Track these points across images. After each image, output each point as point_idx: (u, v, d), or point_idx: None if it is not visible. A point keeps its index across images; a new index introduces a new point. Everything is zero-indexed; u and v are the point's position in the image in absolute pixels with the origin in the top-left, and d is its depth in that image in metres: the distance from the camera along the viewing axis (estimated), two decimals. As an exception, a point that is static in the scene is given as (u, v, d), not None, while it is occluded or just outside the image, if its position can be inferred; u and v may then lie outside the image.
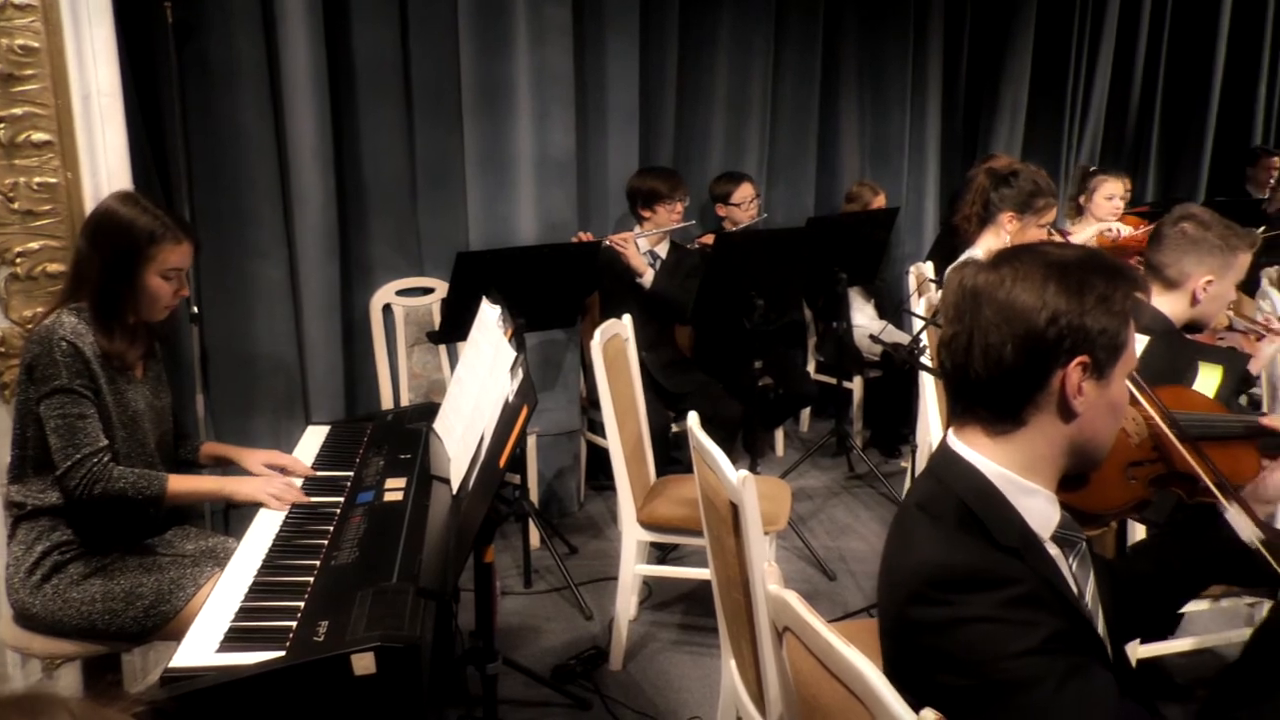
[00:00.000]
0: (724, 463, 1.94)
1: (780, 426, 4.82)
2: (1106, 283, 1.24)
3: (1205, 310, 2.41)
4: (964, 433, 1.32)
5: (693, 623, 3.24)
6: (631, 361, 3.20)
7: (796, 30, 4.88)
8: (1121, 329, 1.25)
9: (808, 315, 5.04)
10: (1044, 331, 1.22)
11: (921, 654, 1.22)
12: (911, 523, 1.31)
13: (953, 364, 1.29)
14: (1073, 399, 1.24)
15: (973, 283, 1.27)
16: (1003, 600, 1.16)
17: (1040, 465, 1.29)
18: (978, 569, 1.19)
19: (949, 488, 1.29)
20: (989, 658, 1.15)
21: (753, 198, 4.43)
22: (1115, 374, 1.27)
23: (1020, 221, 3.22)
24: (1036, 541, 1.29)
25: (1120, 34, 6.22)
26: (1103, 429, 1.30)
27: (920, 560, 1.24)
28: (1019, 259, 1.27)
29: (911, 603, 1.23)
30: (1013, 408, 1.27)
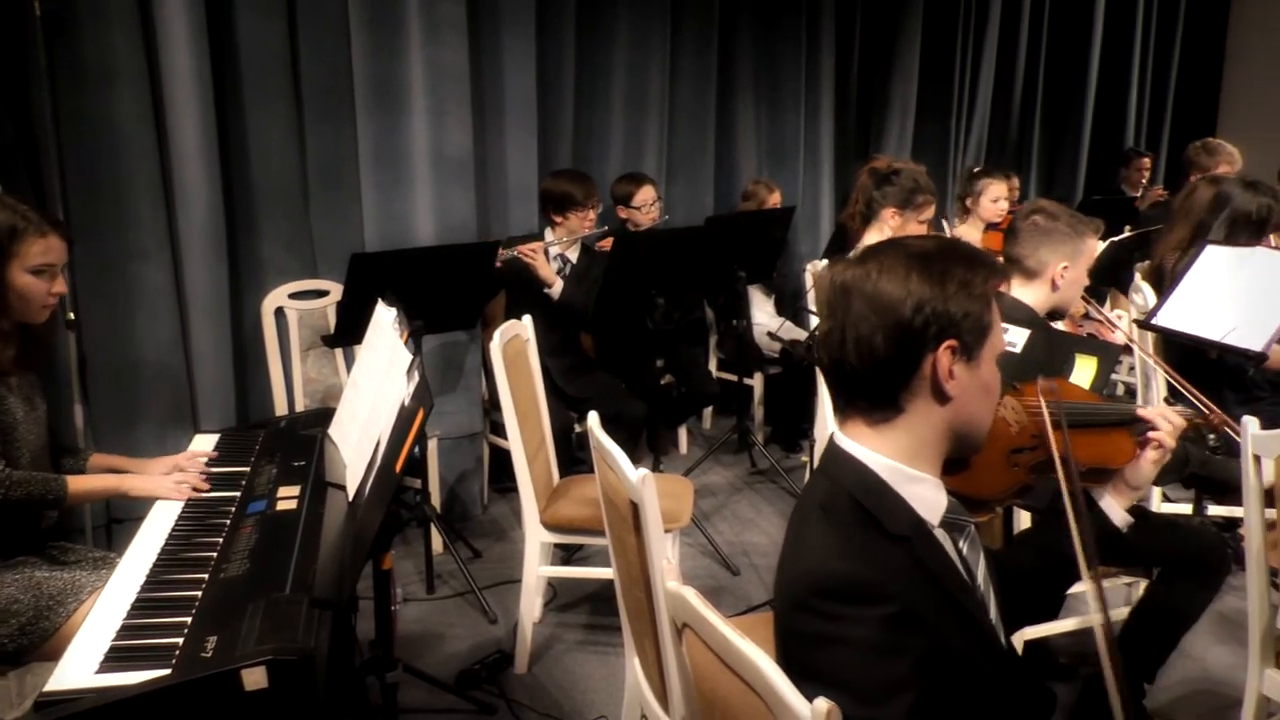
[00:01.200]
0: (624, 462, 1.94)
1: (683, 424, 4.85)
2: (966, 269, 1.29)
3: (1064, 296, 2.53)
4: (848, 427, 1.36)
5: (598, 622, 3.24)
6: (532, 362, 3.18)
7: (692, 31, 4.93)
8: (985, 312, 1.30)
9: (709, 314, 5.10)
10: (911, 320, 1.26)
11: (794, 662, 1.24)
12: (806, 523, 1.33)
13: (830, 359, 1.33)
14: (945, 382, 1.29)
15: (842, 278, 1.31)
16: (879, 618, 1.19)
17: (923, 451, 1.33)
18: (860, 581, 1.21)
19: (839, 484, 1.32)
20: (850, 683, 1.18)
21: (654, 200, 4.44)
22: (984, 356, 1.32)
23: (902, 218, 3.32)
24: (926, 528, 1.33)
25: (1001, 41, 6.47)
26: (978, 411, 1.34)
27: (807, 566, 1.26)
28: (883, 253, 1.31)
29: (794, 610, 1.25)
30: (890, 396, 1.31)
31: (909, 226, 3.37)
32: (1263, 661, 2.13)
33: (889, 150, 5.67)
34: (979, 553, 1.44)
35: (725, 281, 4.32)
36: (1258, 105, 7.74)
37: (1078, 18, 6.94)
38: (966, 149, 6.42)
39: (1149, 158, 6.85)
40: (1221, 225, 3.34)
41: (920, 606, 1.23)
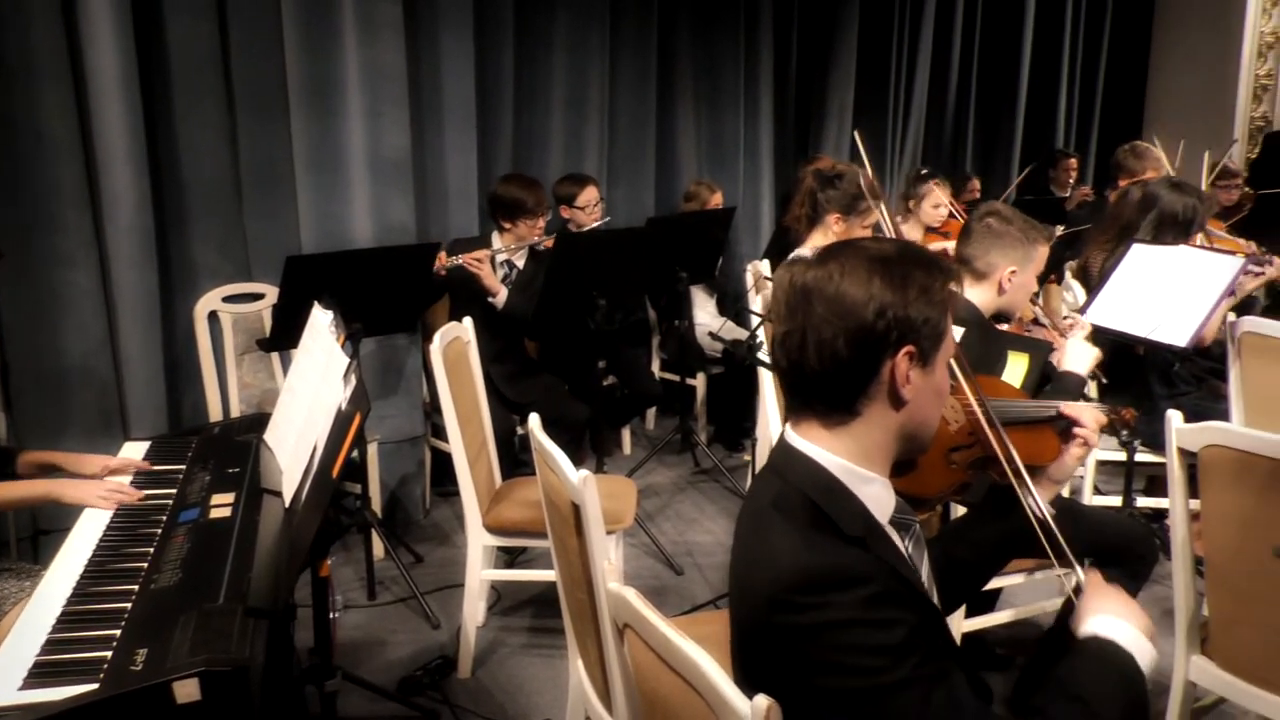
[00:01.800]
0: (564, 463, 1.94)
1: (626, 425, 4.86)
2: (926, 274, 1.29)
3: (1012, 299, 2.57)
4: (801, 427, 1.35)
5: (542, 625, 3.23)
6: (473, 365, 3.16)
7: (631, 34, 4.94)
8: (941, 318, 1.31)
9: (651, 314, 5.11)
10: (873, 324, 1.26)
11: (790, 660, 1.22)
12: (765, 524, 1.31)
13: (788, 360, 1.32)
14: (902, 387, 1.29)
15: (802, 280, 1.30)
16: (862, 599, 1.19)
17: (875, 453, 1.34)
18: (834, 568, 1.22)
19: (792, 484, 1.32)
20: (856, 660, 1.18)
21: (597, 200, 4.44)
22: (938, 361, 1.33)
23: (846, 223, 3.35)
24: (879, 528, 1.34)
25: (936, 45, 6.59)
26: (930, 414, 1.36)
27: (780, 566, 1.24)
28: (844, 255, 1.31)
29: (775, 610, 1.23)
30: (847, 399, 1.31)
31: (853, 232, 3.38)
32: (1188, 648, 2.20)
33: (827, 151, 5.73)
34: (923, 551, 1.46)
35: (667, 282, 4.34)
36: (1181, 106, 7.97)
37: (1009, 22, 7.09)
38: (903, 150, 6.52)
39: (1076, 158, 7.02)
40: (1149, 225, 3.44)
41: (895, 588, 1.24)
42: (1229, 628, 2.10)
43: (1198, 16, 7.89)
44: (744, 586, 1.31)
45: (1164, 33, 8.12)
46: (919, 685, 1.18)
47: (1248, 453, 1.96)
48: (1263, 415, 3.23)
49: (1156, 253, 3.35)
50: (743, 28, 5.39)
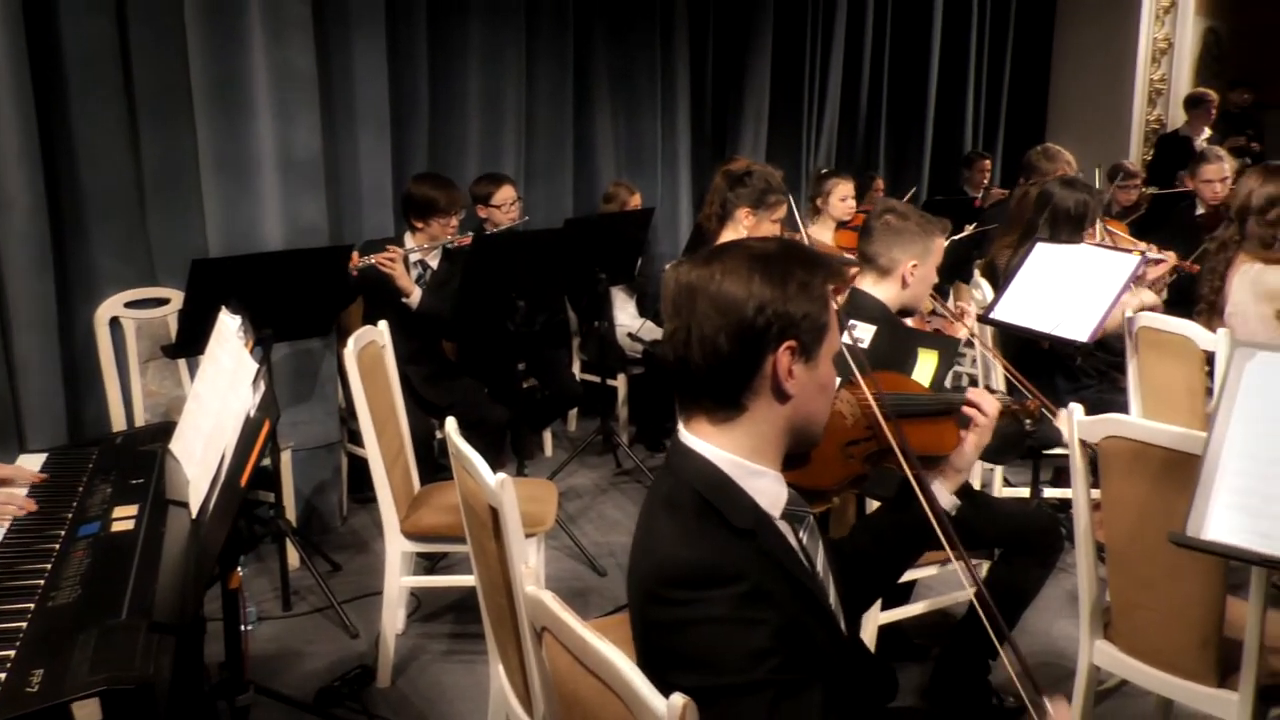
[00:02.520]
0: (482, 467, 1.92)
1: (548, 428, 4.84)
2: (805, 271, 1.32)
3: (914, 294, 2.64)
4: (692, 425, 1.38)
5: (463, 630, 3.19)
6: (390, 368, 3.11)
7: (547, 36, 4.94)
8: (822, 313, 1.34)
9: (571, 315, 5.10)
10: (753, 320, 1.29)
11: (657, 652, 1.26)
12: (652, 519, 1.35)
13: (675, 358, 1.34)
14: (785, 381, 1.32)
15: (687, 279, 1.33)
16: (731, 597, 1.21)
17: (764, 448, 1.36)
18: (708, 565, 1.24)
19: (684, 480, 1.34)
20: (714, 659, 1.20)
21: (514, 200, 4.41)
22: (821, 355, 1.36)
23: (755, 217, 3.40)
24: (769, 520, 1.36)
25: (848, 50, 6.73)
26: (816, 408, 1.39)
27: (658, 559, 1.28)
28: (726, 254, 1.34)
29: (648, 602, 1.27)
30: (733, 395, 1.33)
31: (762, 226, 3.45)
32: (1092, 633, 2.27)
33: (744, 154, 5.80)
34: (818, 542, 1.49)
35: (586, 283, 4.33)
36: (1081, 109, 8.27)
37: (917, 28, 7.27)
38: (818, 152, 6.63)
39: (989, 159, 7.23)
40: (1045, 223, 3.56)
41: (769, 587, 1.26)
42: (1129, 612, 2.18)
43: (1095, 24, 8.20)
44: (634, 577, 1.34)
45: (1064, 39, 8.42)
46: (769, 690, 1.20)
47: (1144, 443, 2.04)
48: (1159, 407, 3.37)
49: (1058, 251, 3.47)
50: (659, 32, 5.43)
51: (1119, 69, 8.14)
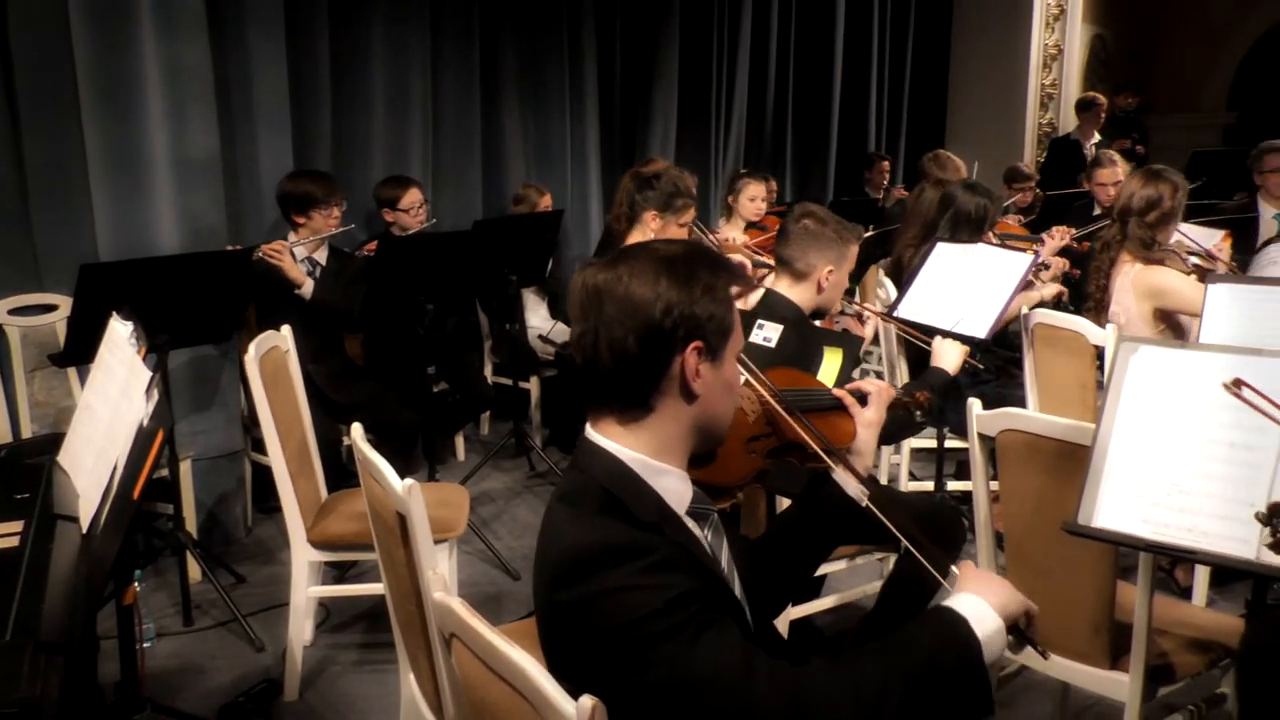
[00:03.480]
0: (388, 473, 1.89)
1: (460, 431, 4.78)
2: (710, 273, 1.35)
3: (828, 297, 2.68)
4: (599, 425, 1.39)
5: (374, 640, 3.13)
6: (294, 374, 3.03)
7: (453, 33, 4.88)
8: (727, 314, 1.36)
9: (482, 318, 5.05)
10: (660, 322, 1.30)
11: (571, 636, 1.25)
12: (556, 515, 1.36)
13: (584, 359, 1.35)
14: (692, 382, 1.34)
15: (594, 282, 1.34)
16: (640, 568, 1.22)
17: (671, 446, 1.38)
18: (616, 544, 1.25)
19: (590, 477, 1.35)
20: (628, 623, 1.20)
21: (421, 203, 4.36)
22: (726, 355, 1.39)
23: (663, 220, 3.42)
24: (674, 516, 1.38)
25: (754, 53, 6.83)
26: (721, 407, 1.41)
27: (563, 546, 1.28)
28: (633, 257, 1.35)
29: (555, 587, 1.26)
30: (641, 396, 1.34)
31: (669, 229, 3.47)
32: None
33: (653, 154, 5.83)
34: (723, 539, 1.51)
35: (497, 286, 4.30)
36: (978, 112, 8.55)
37: (821, 32, 7.42)
38: (727, 153, 6.71)
39: (888, 161, 7.41)
40: (946, 224, 3.67)
41: (681, 559, 1.27)
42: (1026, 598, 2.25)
43: (989, 30, 8.48)
44: (537, 576, 1.34)
45: (960, 44, 8.68)
46: (689, 628, 1.20)
47: (1038, 435, 2.11)
48: (1054, 400, 3.49)
49: (958, 250, 3.57)
50: (566, 33, 5.42)
51: (1013, 74, 8.43)
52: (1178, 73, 9.90)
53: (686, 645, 1.19)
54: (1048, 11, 8.42)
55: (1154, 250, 3.45)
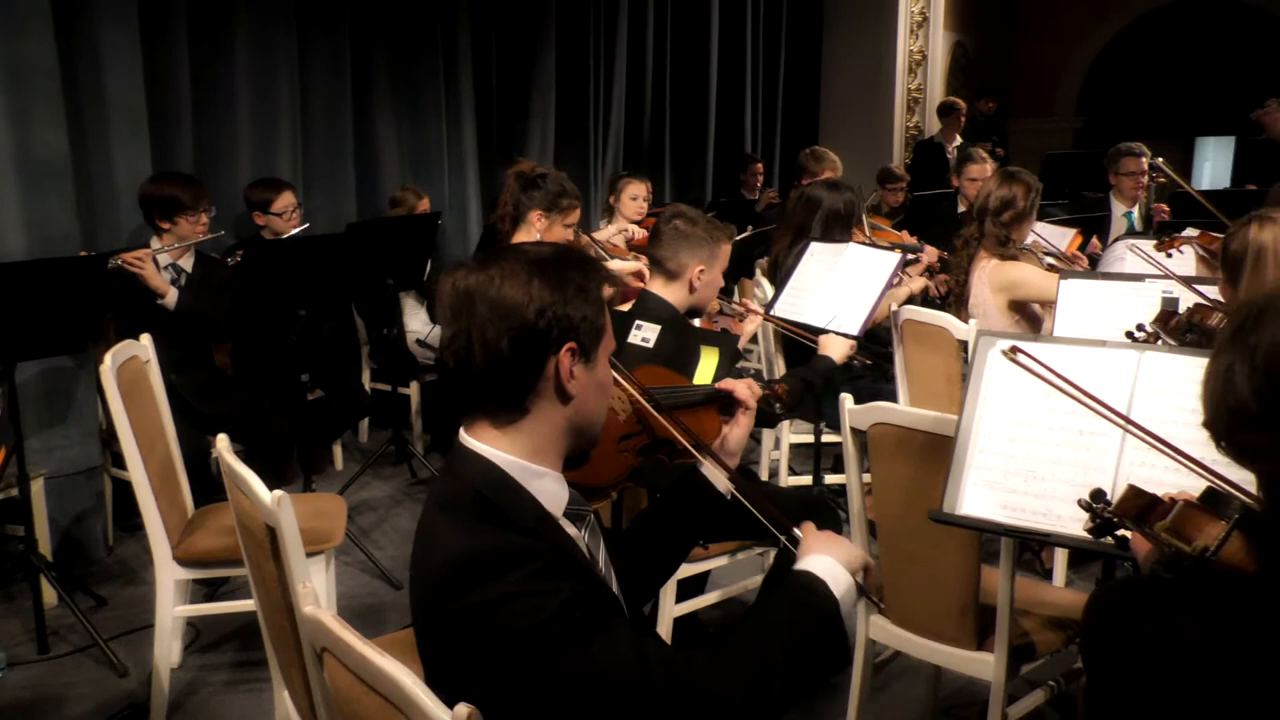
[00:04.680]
0: (256, 484, 1.83)
1: (338, 440, 4.66)
2: (582, 275, 1.36)
3: (702, 296, 2.72)
4: (474, 429, 1.38)
5: (247, 659, 3.02)
6: (155, 384, 2.90)
7: (320, 29, 4.77)
8: (599, 315, 1.37)
9: (359, 323, 4.94)
10: (534, 323, 1.31)
11: (460, 646, 1.24)
12: (433, 522, 1.34)
13: (456, 363, 1.34)
14: (567, 382, 1.34)
15: (464, 284, 1.33)
16: (526, 575, 1.22)
17: (546, 449, 1.38)
18: (500, 550, 1.25)
19: (465, 482, 1.34)
20: (521, 630, 1.20)
21: (294, 207, 4.23)
22: (599, 356, 1.40)
23: (548, 220, 3.41)
24: (551, 519, 1.38)
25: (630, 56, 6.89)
26: (595, 408, 1.42)
27: (446, 555, 1.27)
28: (504, 259, 1.35)
29: (443, 597, 1.25)
30: (515, 398, 1.34)
31: (555, 229, 3.45)
32: (868, 609, 2.41)
33: (532, 155, 5.81)
34: (599, 539, 1.52)
35: (373, 290, 4.20)
36: (849, 115, 8.82)
37: (696, 34, 7.52)
38: (606, 155, 6.73)
39: (762, 163, 7.56)
40: (818, 224, 3.77)
41: (564, 563, 1.28)
42: (898, 586, 2.33)
43: (858, 36, 8.77)
44: (417, 586, 1.33)
45: (831, 49, 8.95)
46: (580, 631, 1.22)
47: (906, 428, 2.19)
48: (923, 394, 3.62)
49: (829, 250, 3.66)
50: (440, 33, 5.35)
51: (880, 79, 8.73)
52: (1032, 79, 10.44)
53: (581, 648, 1.21)
54: (911, 19, 8.74)
55: (1009, 248, 3.61)
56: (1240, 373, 0.96)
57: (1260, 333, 0.95)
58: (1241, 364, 0.96)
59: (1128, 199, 5.19)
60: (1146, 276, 3.02)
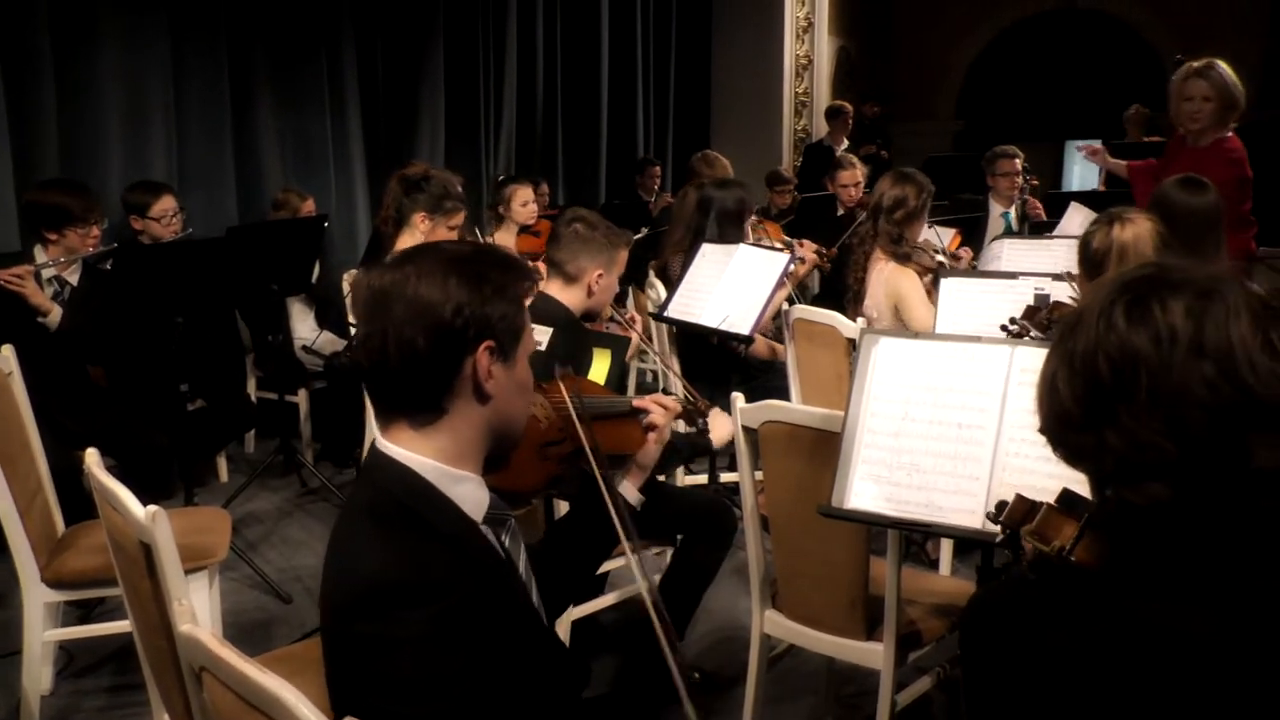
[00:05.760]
0: (128, 500, 1.76)
1: (222, 451, 4.50)
2: (500, 273, 1.34)
3: (598, 300, 2.72)
4: (391, 432, 1.35)
5: (125, 682, 2.88)
6: (19, 399, 2.76)
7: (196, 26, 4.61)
8: (518, 314, 1.36)
9: (244, 330, 4.78)
10: (451, 322, 1.29)
11: (362, 671, 1.22)
12: (351, 531, 1.32)
13: (371, 364, 1.31)
14: (485, 382, 1.32)
15: (380, 283, 1.31)
16: (435, 615, 1.21)
17: (466, 451, 1.36)
18: (410, 580, 1.22)
19: (384, 489, 1.32)
20: (417, 682, 1.19)
21: (174, 211, 4.06)
22: (519, 356, 1.38)
23: (432, 222, 3.38)
24: (472, 525, 1.37)
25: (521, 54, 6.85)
26: (515, 408, 1.41)
27: (361, 574, 1.24)
28: (420, 257, 1.33)
29: (353, 616, 1.23)
30: (433, 399, 1.32)
31: (439, 232, 3.42)
32: (762, 604, 2.45)
33: (422, 158, 5.72)
34: (520, 544, 1.50)
35: (257, 295, 4.07)
36: (739, 119, 8.95)
37: (587, 37, 7.54)
38: (497, 157, 6.68)
39: (659, 165, 7.61)
40: (713, 224, 3.82)
41: (472, 599, 1.26)
42: (791, 581, 2.38)
43: (746, 40, 8.92)
44: (328, 598, 1.30)
45: (720, 53, 9.09)
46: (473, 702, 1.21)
47: (795, 425, 2.23)
48: (815, 391, 3.69)
49: (721, 251, 3.71)
50: (322, 32, 5.25)
51: (769, 82, 8.89)
52: (913, 83, 10.79)
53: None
54: (797, 24, 8.92)
55: (902, 246, 3.72)
56: (1062, 378, 1.01)
57: (1077, 339, 1.00)
58: (1063, 370, 1.01)
59: (1004, 199, 5.40)
60: (1021, 274, 3.15)
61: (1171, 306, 0.96)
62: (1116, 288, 1.01)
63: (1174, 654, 0.93)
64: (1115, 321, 0.98)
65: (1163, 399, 0.95)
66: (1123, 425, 0.97)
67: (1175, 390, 0.94)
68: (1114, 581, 1.00)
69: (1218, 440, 0.94)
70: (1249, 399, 0.93)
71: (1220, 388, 0.93)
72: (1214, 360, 0.93)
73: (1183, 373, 0.94)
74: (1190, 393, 0.94)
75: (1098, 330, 0.99)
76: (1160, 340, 0.95)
